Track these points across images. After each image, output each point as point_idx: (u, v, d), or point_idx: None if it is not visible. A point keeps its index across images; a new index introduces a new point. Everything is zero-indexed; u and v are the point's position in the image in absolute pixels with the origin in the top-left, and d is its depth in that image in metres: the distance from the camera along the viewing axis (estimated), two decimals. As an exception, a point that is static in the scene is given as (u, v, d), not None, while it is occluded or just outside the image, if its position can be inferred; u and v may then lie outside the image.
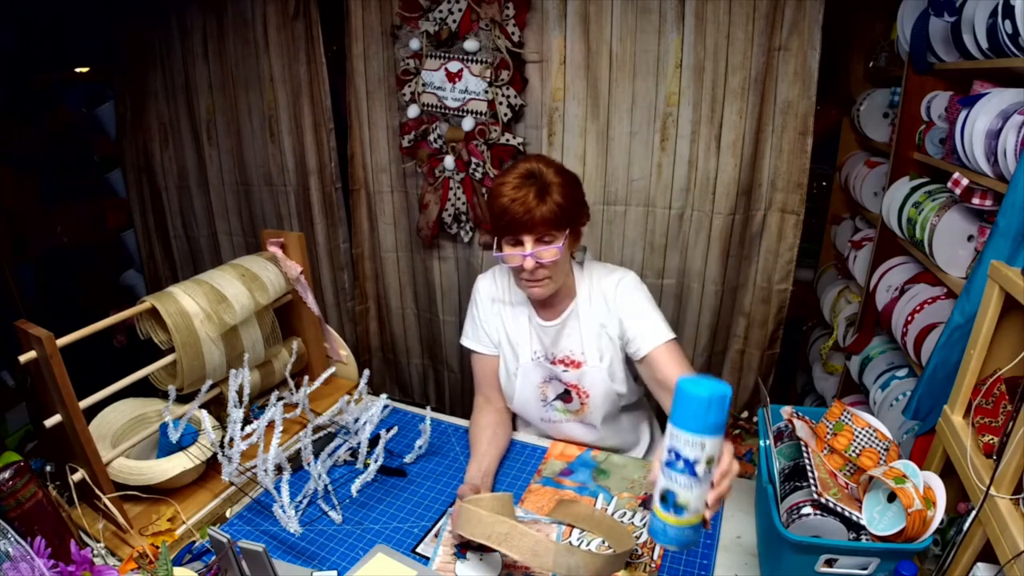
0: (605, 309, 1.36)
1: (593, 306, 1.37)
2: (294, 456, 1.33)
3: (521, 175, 1.24)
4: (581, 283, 1.38)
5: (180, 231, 2.91)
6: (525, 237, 1.23)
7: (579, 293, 1.38)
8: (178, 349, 1.27)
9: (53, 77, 2.82)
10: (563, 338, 1.39)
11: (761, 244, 2.07)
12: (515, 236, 1.25)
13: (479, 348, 1.49)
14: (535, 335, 1.42)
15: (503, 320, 1.45)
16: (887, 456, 1.05)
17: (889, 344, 1.84)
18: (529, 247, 1.23)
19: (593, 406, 1.40)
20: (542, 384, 1.43)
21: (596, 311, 1.36)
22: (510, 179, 1.24)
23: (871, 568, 0.97)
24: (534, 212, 1.20)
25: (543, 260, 1.25)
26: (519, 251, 1.25)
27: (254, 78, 2.43)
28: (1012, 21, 1.18)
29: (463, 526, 1.07)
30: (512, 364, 1.44)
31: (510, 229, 1.24)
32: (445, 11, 2.05)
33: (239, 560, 0.95)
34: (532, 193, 1.21)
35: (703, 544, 1.16)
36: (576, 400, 1.41)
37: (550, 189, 1.22)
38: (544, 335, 1.41)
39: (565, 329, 1.39)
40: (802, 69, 1.83)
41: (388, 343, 2.72)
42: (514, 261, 1.26)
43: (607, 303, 1.35)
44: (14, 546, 0.88)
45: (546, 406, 1.45)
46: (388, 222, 2.48)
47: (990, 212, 1.34)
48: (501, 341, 1.46)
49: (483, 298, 1.47)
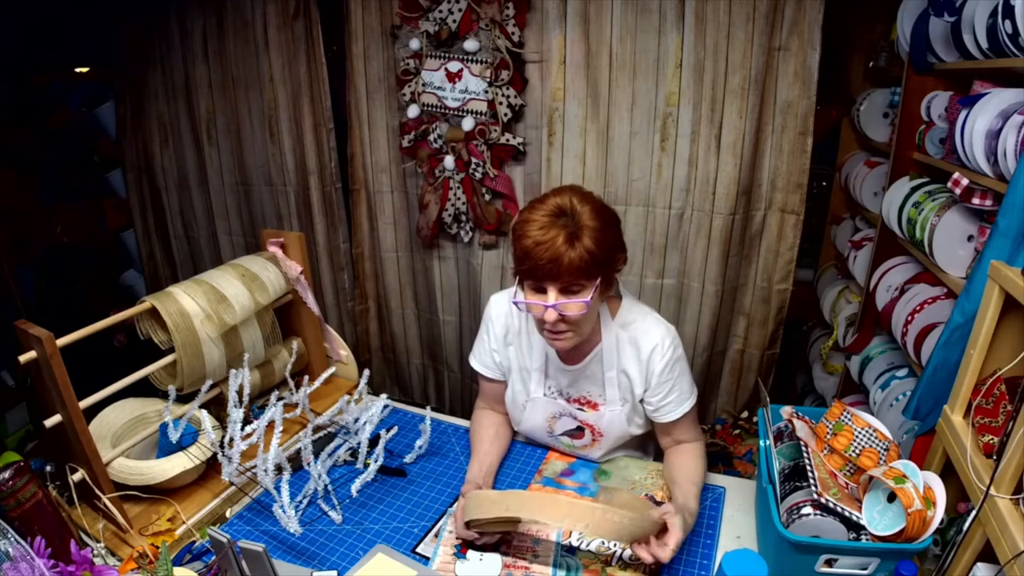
0: (636, 364, 1.25)
1: (620, 355, 1.25)
2: (294, 456, 1.33)
3: (551, 212, 1.09)
4: (609, 327, 1.24)
5: (180, 231, 2.91)
6: (549, 286, 1.10)
7: (605, 338, 1.24)
8: (178, 349, 1.27)
9: (53, 77, 2.82)
10: (583, 380, 1.30)
11: (761, 244, 2.07)
12: (538, 282, 1.11)
13: (487, 373, 1.40)
14: (553, 372, 1.32)
15: (517, 351, 1.33)
16: (887, 456, 1.05)
17: (889, 344, 1.84)
18: (552, 297, 1.09)
19: (604, 444, 1.35)
20: (551, 419, 1.36)
21: (624, 360, 1.25)
22: (538, 216, 1.09)
23: (871, 568, 0.97)
24: (561, 259, 1.06)
25: (567, 314, 1.11)
26: (541, 300, 1.11)
27: (254, 78, 2.43)
28: (1012, 21, 1.18)
29: (473, 511, 1.05)
30: (521, 396, 1.35)
31: (533, 275, 1.10)
32: (445, 11, 2.05)
33: (239, 560, 0.95)
34: (562, 237, 1.06)
35: (703, 544, 1.16)
36: (588, 437, 1.35)
37: (582, 233, 1.07)
38: (562, 376, 1.31)
39: (586, 372, 1.29)
40: (802, 69, 1.83)
41: (388, 343, 2.72)
42: (535, 311, 1.14)
43: (639, 360, 1.24)
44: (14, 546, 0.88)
45: (552, 438, 1.40)
46: (388, 222, 2.48)
47: (990, 212, 1.34)
48: (511, 370, 1.36)
49: (495, 326, 1.35)
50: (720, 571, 0.91)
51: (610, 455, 1.40)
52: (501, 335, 1.34)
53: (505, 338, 1.34)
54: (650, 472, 1.35)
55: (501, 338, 1.34)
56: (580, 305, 1.10)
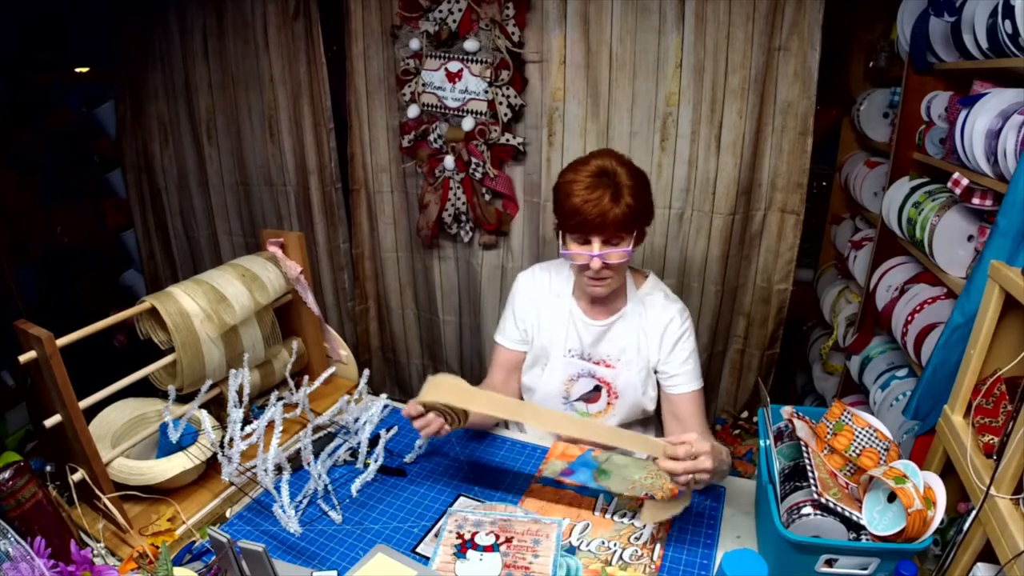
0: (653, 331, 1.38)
1: (640, 320, 1.38)
2: (294, 456, 1.33)
3: (594, 173, 1.24)
4: (633, 295, 1.40)
5: (180, 231, 2.91)
6: (594, 238, 1.24)
7: (629, 304, 1.39)
8: (178, 349, 1.27)
9: (53, 77, 2.82)
10: (606, 340, 1.40)
11: (761, 244, 2.07)
12: (584, 236, 1.25)
13: (507, 344, 1.49)
14: (575, 331, 1.41)
15: (539, 315, 1.45)
16: (887, 456, 1.05)
17: (889, 344, 1.84)
18: (597, 248, 1.24)
19: (618, 409, 1.41)
20: (568, 381, 1.43)
21: (643, 324, 1.38)
22: (582, 177, 1.23)
23: (871, 568, 0.97)
24: (607, 215, 1.20)
25: (611, 262, 1.26)
26: (586, 250, 1.25)
27: (254, 78, 2.43)
28: (1012, 21, 1.18)
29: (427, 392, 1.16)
30: (542, 359, 1.45)
31: (580, 229, 1.24)
32: (445, 11, 2.05)
33: (239, 560, 0.95)
34: (608, 196, 1.21)
35: (703, 544, 1.16)
36: (603, 399, 1.42)
37: (623, 191, 1.22)
38: (587, 333, 1.41)
39: (610, 332, 1.39)
40: (802, 69, 1.83)
41: (388, 343, 2.72)
42: (580, 260, 1.27)
43: (656, 329, 1.38)
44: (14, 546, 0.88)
45: (567, 404, 1.45)
46: (388, 222, 2.48)
47: (990, 212, 1.34)
48: (534, 335, 1.45)
49: (521, 293, 1.47)
50: (720, 571, 0.91)
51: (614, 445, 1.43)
52: (526, 299, 1.46)
53: (530, 303, 1.45)
54: (650, 472, 1.35)
55: (526, 302, 1.45)
56: (622, 254, 1.26)
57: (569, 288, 1.44)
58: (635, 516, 1.22)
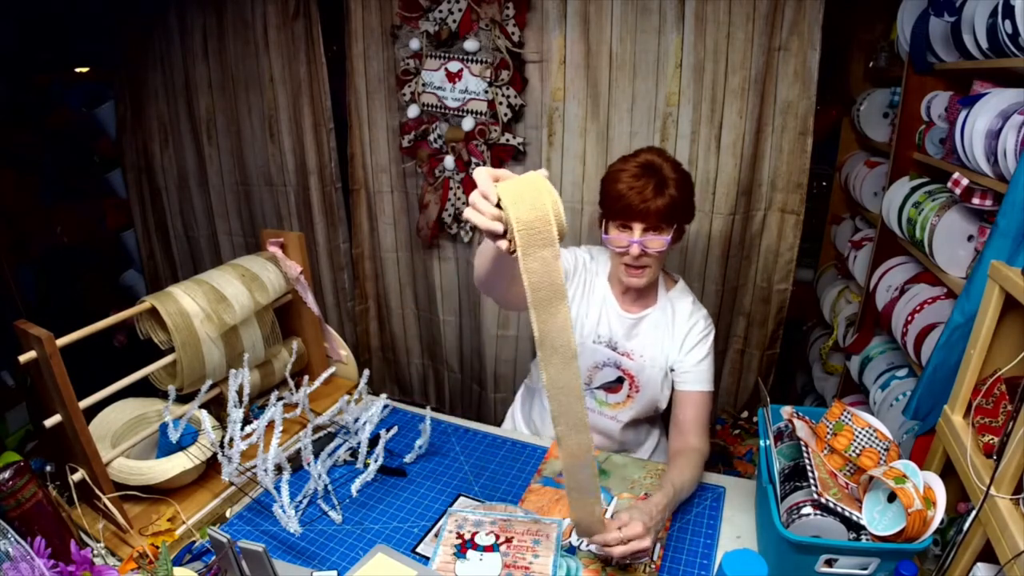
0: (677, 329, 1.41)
1: (667, 319, 1.42)
2: (294, 456, 1.33)
3: (641, 164, 1.29)
4: (664, 296, 1.44)
5: (180, 231, 2.91)
6: (635, 224, 1.28)
7: (660, 299, 1.43)
8: (178, 349, 1.27)
9: (53, 77, 2.82)
10: (634, 333, 1.43)
11: (761, 244, 2.07)
12: (626, 222, 1.29)
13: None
14: (606, 320, 1.43)
15: (581, 288, 1.45)
16: (887, 456, 1.05)
17: (889, 344, 1.84)
18: (638, 234, 1.28)
19: (637, 402, 1.43)
20: (593, 368, 1.45)
21: (669, 324, 1.41)
22: (630, 167, 1.29)
23: (871, 568, 0.97)
24: (650, 203, 1.25)
25: (650, 249, 1.29)
26: (627, 236, 1.29)
27: (254, 78, 2.43)
28: (1012, 21, 1.18)
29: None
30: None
31: (623, 214, 1.28)
32: (445, 11, 2.05)
33: (239, 560, 0.95)
34: (652, 185, 1.25)
35: (703, 544, 1.16)
36: (624, 391, 1.44)
37: (668, 183, 1.27)
38: (617, 323, 1.43)
39: (639, 326, 1.42)
40: (802, 69, 1.83)
41: (388, 343, 2.72)
42: (620, 244, 1.30)
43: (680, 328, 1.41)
44: (14, 546, 0.88)
45: (587, 391, 1.46)
46: (388, 222, 2.48)
47: (990, 212, 1.34)
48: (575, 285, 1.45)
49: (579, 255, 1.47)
50: (720, 571, 0.91)
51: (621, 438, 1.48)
52: (580, 263, 1.45)
53: (579, 271, 1.45)
54: (649, 472, 1.35)
55: (580, 264, 1.45)
56: (661, 242, 1.29)
57: (606, 272, 1.46)
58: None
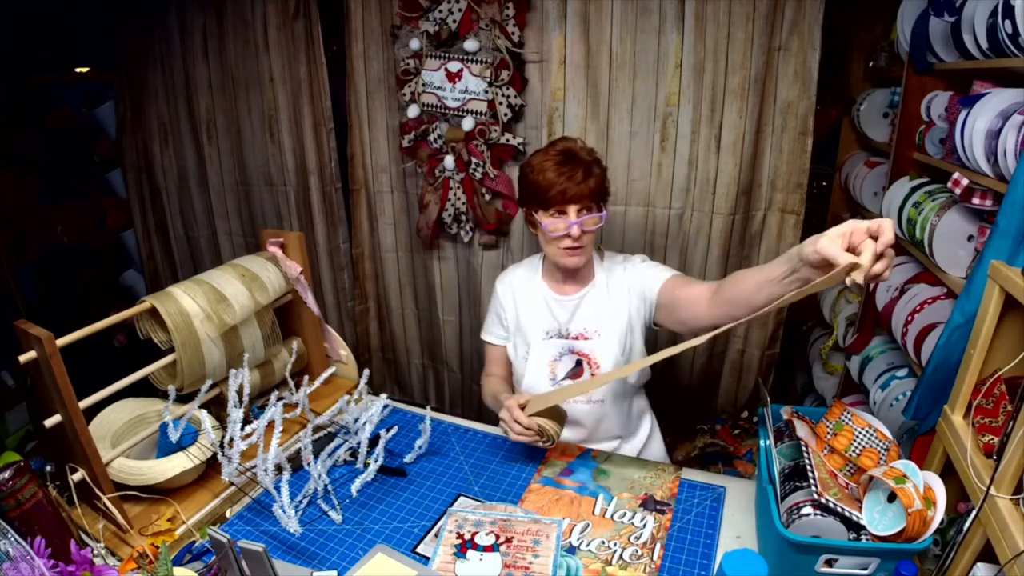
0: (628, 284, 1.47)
1: (611, 281, 1.48)
2: (294, 456, 1.33)
3: (561, 152, 1.38)
4: (600, 266, 1.51)
5: (180, 231, 2.91)
6: (571, 208, 1.35)
7: (598, 272, 1.49)
8: (178, 349, 1.27)
9: (53, 77, 2.82)
10: (579, 312, 1.49)
11: (761, 244, 2.07)
12: (561, 207, 1.36)
13: (493, 340, 1.61)
14: (550, 312, 1.50)
15: (516, 305, 1.55)
16: (887, 456, 1.05)
17: (889, 344, 1.84)
18: (574, 216, 1.36)
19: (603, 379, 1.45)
20: (552, 362, 1.49)
21: (616, 283, 1.47)
22: (552, 157, 1.37)
23: (871, 568, 0.97)
24: (583, 186, 1.34)
25: (588, 228, 1.37)
26: (564, 220, 1.36)
27: (254, 78, 2.43)
28: (1012, 21, 1.18)
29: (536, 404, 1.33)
30: (522, 348, 1.52)
31: (558, 200, 1.35)
32: (445, 11, 2.05)
33: (239, 560, 0.95)
34: (581, 170, 1.35)
35: (703, 544, 1.16)
36: (587, 372, 1.47)
37: (591, 166, 1.37)
38: (561, 310, 1.50)
39: (583, 303, 1.48)
40: (802, 69, 1.83)
41: (388, 343, 2.72)
42: (559, 229, 1.37)
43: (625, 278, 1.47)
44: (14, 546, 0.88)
45: (555, 384, 1.48)
46: (388, 222, 2.48)
47: (990, 212, 1.34)
48: (513, 326, 1.55)
49: (502, 289, 1.58)
50: (720, 571, 0.91)
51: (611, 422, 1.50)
52: (506, 293, 1.57)
53: (508, 296, 1.56)
54: (650, 471, 1.35)
55: (507, 296, 1.57)
56: (598, 219, 1.39)
57: (539, 274, 1.54)
58: (634, 516, 1.22)
